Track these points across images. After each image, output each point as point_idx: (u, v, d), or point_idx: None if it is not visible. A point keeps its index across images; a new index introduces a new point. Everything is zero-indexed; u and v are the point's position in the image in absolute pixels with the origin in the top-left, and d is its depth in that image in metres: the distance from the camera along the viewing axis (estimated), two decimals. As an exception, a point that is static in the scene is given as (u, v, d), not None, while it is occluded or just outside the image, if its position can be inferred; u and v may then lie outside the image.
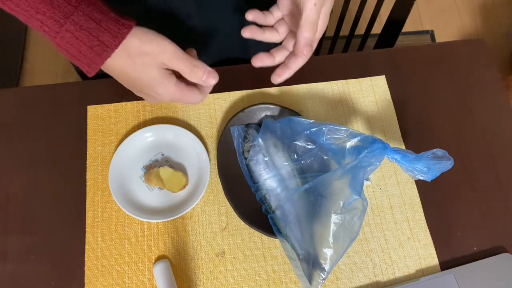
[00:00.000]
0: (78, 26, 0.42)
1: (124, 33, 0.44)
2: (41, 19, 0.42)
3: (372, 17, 0.96)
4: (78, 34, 0.42)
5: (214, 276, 0.60)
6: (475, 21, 1.79)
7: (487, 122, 0.70)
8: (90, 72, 0.45)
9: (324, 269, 0.54)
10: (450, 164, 0.52)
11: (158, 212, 0.62)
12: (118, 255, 0.61)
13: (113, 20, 0.43)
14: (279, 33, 0.56)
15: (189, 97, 0.51)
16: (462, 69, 0.75)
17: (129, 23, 0.44)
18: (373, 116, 0.70)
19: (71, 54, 0.44)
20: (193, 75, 0.49)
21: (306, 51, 0.50)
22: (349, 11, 0.98)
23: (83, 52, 0.44)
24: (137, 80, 0.47)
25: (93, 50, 0.43)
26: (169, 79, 0.48)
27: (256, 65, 0.55)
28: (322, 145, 0.56)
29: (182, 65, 0.48)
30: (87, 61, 0.44)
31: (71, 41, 0.43)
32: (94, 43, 0.43)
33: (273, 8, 0.55)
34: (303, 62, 0.53)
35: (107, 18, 0.43)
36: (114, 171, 0.64)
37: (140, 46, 0.45)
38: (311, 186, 0.56)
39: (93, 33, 0.43)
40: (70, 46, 0.43)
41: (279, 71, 0.54)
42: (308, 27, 0.49)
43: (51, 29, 0.42)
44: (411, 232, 0.63)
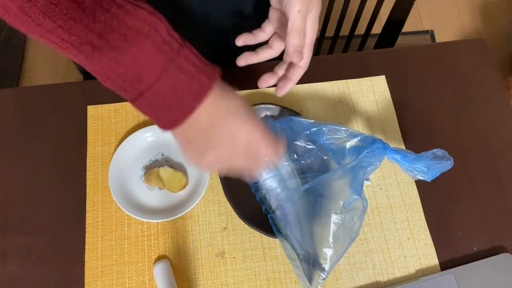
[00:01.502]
0: (181, 70, 0.39)
1: (217, 71, 0.42)
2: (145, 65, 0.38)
3: (372, 17, 0.96)
4: (181, 77, 0.39)
5: (214, 276, 0.60)
6: (475, 21, 1.79)
7: (487, 122, 0.70)
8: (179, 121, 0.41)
9: (324, 269, 0.54)
10: (450, 164, 0.52)
11: (158, 212, 0.62)
12: (118, 255, 0.61)
13: (206, 64, 0.41)
14: (273, 48, 0.57)
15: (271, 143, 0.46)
16: (462, 69, 0.75)
17: (216, 68, 0.42)
18: (373, 116, 0.70)
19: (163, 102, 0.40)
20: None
21: (296, 57, 0.50)
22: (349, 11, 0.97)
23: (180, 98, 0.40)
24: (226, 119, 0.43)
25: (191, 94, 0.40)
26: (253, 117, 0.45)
27: (262, 86, 0.57)
28: (322, 145, 0.57)
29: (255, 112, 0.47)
30: (182, 105, 0.40)
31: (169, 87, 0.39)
32: (194, 85, 0.40)
33: (265, 24, 0.57)
34: (302, 72, 0.54)
35: (202, 62, 0.41)
36: (114, 171, 0.64)
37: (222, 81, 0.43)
38: (311, 186, 0.56)
39: (194, 75, 0.40)
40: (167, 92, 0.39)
41: (281, 84, 0.56)
42: (294, 33, 0.49)
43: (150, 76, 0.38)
44: (411, 232, 0.63)
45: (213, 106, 0.42)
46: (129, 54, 0.37)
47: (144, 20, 0.38)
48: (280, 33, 0.56)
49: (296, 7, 0.48)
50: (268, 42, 0.57)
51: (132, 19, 0.37)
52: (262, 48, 0.57)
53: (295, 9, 0.48)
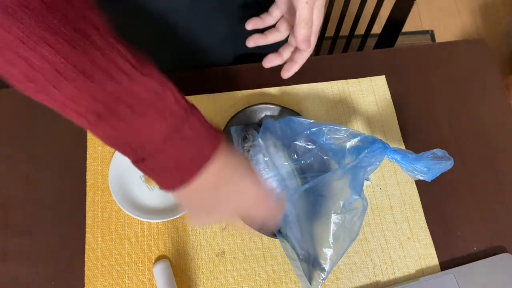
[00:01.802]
0: (185, 138, 0.39)
1: (220, 137, 0.41)
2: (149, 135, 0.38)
3: (372, 17, 0.96)
4: (184, 143, 0.39)
5: (214, 276, 0.60)
6: (475, 21, 1.79)
7: (487, 122, 0.70)
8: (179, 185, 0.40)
9: (324, 269, 0.54)
10: (450, 164, 0.52)
11: (158, 212, 0.62)
12: (118, 255, 0.61)
13: (211, 133, 0.41)
14: (281, 31, 0.58)
15: (274, 201, 0.48)
16: (462, 69, 0.75)
17: (216, 126, 0.42)
18: (373, 116, 0.70)
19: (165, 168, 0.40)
20: None
21: (305, 46, 0.53)
22: (349, 11, 0.97)
23: (182, 164, 0.40)
24: (235, 176, 0.43)
25: (193, 161, 0.40)
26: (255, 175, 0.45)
27: (266, 66, 0.58)
28: (322, 145, 0.57)
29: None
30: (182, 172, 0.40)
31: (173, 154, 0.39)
32: (195, 153, 0.40)
33: (272, 8, 0.58)
34: (308, 54, 0.56)
35: (208, 130, 0.41)
36: (114, 171, 0.64)
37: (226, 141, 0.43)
38: (311, 186, 0.56)
39: (196, 142, 0.40)
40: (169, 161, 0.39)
41: (287, 66, 0.57)
42: (303, 24, 0.51)
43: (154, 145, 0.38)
44: (411, 232, 0.63)
45: (219, 169, 0.41)
46: (135, 125, 0.37)
47: (151, 90, 0.37)
48: (287, 17, 0.57)
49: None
50: (276, 25, 0.58)
51: (139, 88, 0.36)
52: (270, 31, 0.58)
53: (302, 1, 0.50)
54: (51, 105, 0.37)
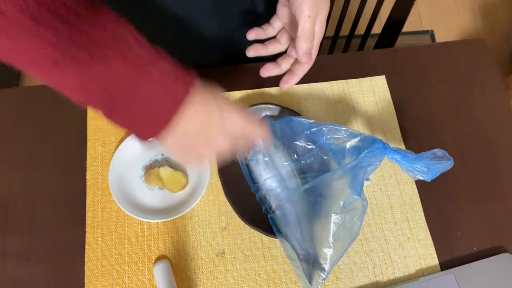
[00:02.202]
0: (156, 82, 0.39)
1: (194, 80, 0.42)
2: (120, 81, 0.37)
3: (372, 17, 0.96)
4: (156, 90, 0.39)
5: (214, 276, 0.60)
6: (475, 21, 1.79)
7: (487, 122, 0.70)
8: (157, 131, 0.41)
9: (324, 269, 0.54)
10: (450, 164, 0.52)
11: (158, 212, 0.62)
12: (118, 255, 0.61)
13: (181, 69, 0.41)
14: (282, 43, 0.58)
15: (258, 125, 0.49)
16: (462, 69, 0.75)
17: (191, 70, 0.42)
18: (373, 116, 0.70)
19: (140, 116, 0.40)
20: None
21: (306, 59, 0.53)
22: (349, 11, 0.97)
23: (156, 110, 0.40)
24: (212, 112, 0.44)
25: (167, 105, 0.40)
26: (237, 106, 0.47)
27: (264, 75, 0.58)
28: (322, 145, 0.57)
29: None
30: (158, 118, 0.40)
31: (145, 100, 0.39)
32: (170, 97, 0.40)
33: (273, 19, 0.58)
34: (308, 67, 0.56)
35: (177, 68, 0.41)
36: (114, 171, 0.64)
37: (202, 83, 0.44)
38: (311, 186, 0.56)
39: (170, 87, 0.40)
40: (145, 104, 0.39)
41: (286, 78, 0.57)
42: (305, 38, 0.51)
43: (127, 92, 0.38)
44: (411, 232, 0.63)
45: (200, 109, 0.42)
46: (95, 71, 0.36)
47: (109, 31, 0.36)
48: (288, 29, 0.57)
49: (306, 13, 0.50)
50: (276, 36, 0.58)
51: (95, 30, 0.35)
52: (271, 41, 0.58)
53: (305, 15, 0.50)
54: (5, 58, 0.35)
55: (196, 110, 0.41)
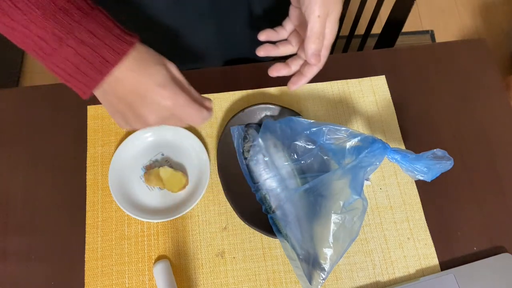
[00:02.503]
0: (80, 41, 0.40)
1: (126, 49, 0.42)
2: (40, 35, 0.40)
3: (372, 17, 0.96)
4: (80, 50, 0.40)
5: (214, 276, 0.60)
6: (475, 21, 1.79)
7: (487, 122, 0.70)
8: (86, 92, 0.43)
9: (324, 269, 0.54)
10: (450, 164, 0.52)
11: (158, 212, 0.62)
12: (118, 255, 0.61)
13: (116, 36, 0.42)
14: (293, 45, 0.57)
15: (195, 110, 0.47)
16: (462, 69, 0.75)
17: (131, 39, 0.43)
18: (373, 116, 0.70)
19: (67, 72, 0.42)
20: (192, 90, 0.49)
21: (315, 60, 0.52)
22: (349, 11, 0.97)
23: (82, 69, 0.41)
24: (141, 82, 0.44)
25: (94, 67, 0.41)
26: (176, 84, 0.46)
27: (272, 75, 0.57)
28: (322, 145, 0.56)
29: (183, 78, 0.47)
30: (86, 79, 0.42)
31: (70, 57, 0.41)
32: (96, 59, 0.41)
33: (286, 22, 0.57)
34: (317, 69, 0.55)
35: (111, 34, 0.41)
36: (114, 171, 0.64)
37: (148, 49, 0.45)
38: (311, 186, 0.56)
39: (96, 49, 0.41)
40: (69, 63, 0.41)
41: (295, 80, 0.56)
42: (313, 38, 0.50)
43: (50, 45, 0.40)
44: (411, 232, 0.63)
45: (130, 77, 0.43)
46: (18, 20, 0.39)
47: None
48: (300, 30, 0.57)
49: (316, 12, 0.49)
50: (288, 38, 0.58)
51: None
52: (282, 42, 0.57)
53: (315, 14, 0.49)
54: None
55: (126, 76, 0.42)
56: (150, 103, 0.45)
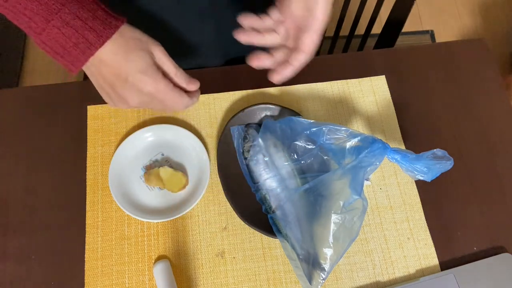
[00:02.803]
0: (65, 23, 0.43)
1: (110, 33, 0.45)
2: (29, 15, 0.43)
3: (372, 17, 0.96)
4: (64, 31, 0.43)
5: (214, 276, 0.60)
6: (475, 21, 1.79)
7: (487, 122, 0.70)
8: (73, 70, 0.46)
9: (324, 269, 0.54)
10: (450, 164, 0.52)
11: (158, 212, 0.62)
12: (118, 255, 0.61)
13: (100, 19, 0.44)
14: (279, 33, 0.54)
15: (176, 97, 0.49)
16: (462, 69, 0.75)
17: (116, 23, 0.45)
18: (373, 116, 0.70)
19: (55, 51, 0.45)
20: (178, 76, 0.50)
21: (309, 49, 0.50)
22: (349, 11, 0.98)
23: (68, 49, 0.44)
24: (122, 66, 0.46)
25: (78, 47, 0.44)
26: (158, 70, 0.48)
27: (253, 64, 0.53)
28: (322, 145, 0.56)
29: (169, 61, 0.49)
30: (71, 58, 0.45)
31: (57, 38, 0.43)
32: (80, 40, 0.44)
33: (272, 11, 0.54)
34: (305, 57, 0.51)
35: (94, 16, 0.44)
36: (114, 171, 0.64)
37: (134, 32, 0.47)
38: (311, 186, 0.56)
39: (79, 31, 0.43)
40: (55, 43, 0.44)
41: (279, 69, 0.51)
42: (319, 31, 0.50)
43: (38, 25, 0.43)
44: (411, 232, 0.63)
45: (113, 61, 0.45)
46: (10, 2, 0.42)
47: None
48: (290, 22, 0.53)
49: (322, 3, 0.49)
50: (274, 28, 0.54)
51: None
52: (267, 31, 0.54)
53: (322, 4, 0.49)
54: None
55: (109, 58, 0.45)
56: (131, 86, 0.47)
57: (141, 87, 0.47)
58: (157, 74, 0.47)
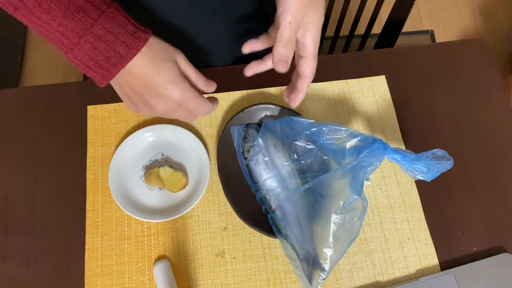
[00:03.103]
0: (97, 38, 0.44)
1: (139, 46, 0.46)
2: (62, 32, 0.44)
3: (372, 17, 0.96)
4: (96, 45, 0.45)
5: (214, 276, 0.60)
6: (475, 21, 1.79)
7: (487, 122, 0.70)
8: (103, 82, 0.47)
9: (324, 269, 0.54)
10: (450, 164, 0.52)
11: (158, 212, 0.62)
12: (118, 255, 0.61)
13: (130, 33, 0.46)
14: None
15: (200, 103, 0.52)
16: (462, 69, 0.75)
17: (144, 36, 0.47)
18: (373, 116, 0.70)
19: (86, 65, 0.46)
20: (198, 80, 0.52)
21: (281, 66, 0.52)
22: (349, 11, 0.98)
23: (99, 63, 0.46)
24: (153, 78, 0.48)
25: (109, 61, 0.46)
26: (185, 80, 0.50)
27: (248, 74, 0.58)
28: (322, 145, 0.56)
29: (190, 68, 0.51)
30: (102, 71, 0.46)
31: (89, 52, 0.45)
32: (111, 54, 0.45)
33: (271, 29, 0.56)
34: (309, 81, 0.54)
35: (124, 31, 0.45)
36: (114, 171, 0.64)
37: (159, 43, 0.48)
38: (311, 186, 0.56)
39: (111, 45, 0.45)
40: (87, 57, 0.45)
41: (293, 97, 0.56)
42: (281, 43, 0.50)
43: (70, 40, 0.44)
44: (411, 232, 0.63)
45: (143, 73, 0.47)
46: (43, 19, 0.43)
47: None
48: None
49: (288, 18, 0.49)
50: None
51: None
52: (268, 57, 0.56)
53: (286, 20, 0.50)
54: None
55: (139, 71, 0.47)
56: (160, 95, 0.49)
57: (170, 96, 0.49)
58: (184, 83, 0.49)
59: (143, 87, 0.48)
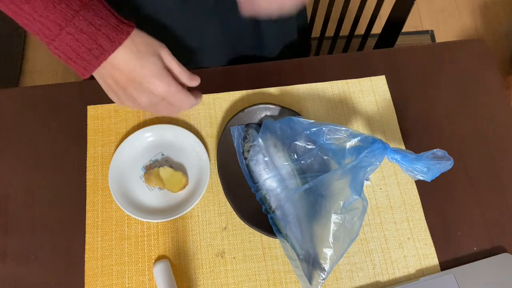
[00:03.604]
0: (79, 30, 0.44)
1: (122, 39, 0.46)
2: (43, 22, 0.44)
3: (372, 17, 0.96)
4: (78, 37, 0.45)
5: (214, 276, 0.60)
6: (475, 21, 1.79)
7: (487, 122, 0.70)
8: (85, 74, 0.47)
9: (324, 269, 0.54)
10: (450, 164, 0.52)
11: (158, 212, 0.62)
12: (118, 255, 0.61)
13: (113, 25, 0.46)
14: None
15: (183, 97, 0.52)
16: (462, 69, 0.75)
17: (127, 29, 0.47)
18: (373, 116, 0.70)
19: (67, 56, 0.46)
20: (182, 74, 0.52)
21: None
22: (349, 11, 0.97)
23: (81, 55, 0.46)
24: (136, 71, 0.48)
25: (91, 53, 0.45)
26: (169, 74, 0.50)
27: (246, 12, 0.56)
28: (322, 145, 0.57)
29: (174, 62, 0.51)
30: (84, 63, 0.46)
31: (70, 43, 0.45)
32: (93, 46, 0.45)
33: None
34: None
35: (107, 23, 0.45)
36: (114, 171, 0.64)
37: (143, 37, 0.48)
38: (311, 186, 0.56)
39: (93, 37, 0.45)
40: (69, 48, 0.45)
41: None
42: None
43: (52, 31, 0.44)
44: (411, 232, 0.63)
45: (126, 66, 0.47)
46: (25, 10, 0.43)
47: None
48: None
49: None
50: None
51: None
52: None
53: None
54: None
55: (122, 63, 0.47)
56: (143, 89, 0.49)
57: (153, 89, 0.49)
58: (168, 77, 0.50)
59: (126, 80, 0.48)
